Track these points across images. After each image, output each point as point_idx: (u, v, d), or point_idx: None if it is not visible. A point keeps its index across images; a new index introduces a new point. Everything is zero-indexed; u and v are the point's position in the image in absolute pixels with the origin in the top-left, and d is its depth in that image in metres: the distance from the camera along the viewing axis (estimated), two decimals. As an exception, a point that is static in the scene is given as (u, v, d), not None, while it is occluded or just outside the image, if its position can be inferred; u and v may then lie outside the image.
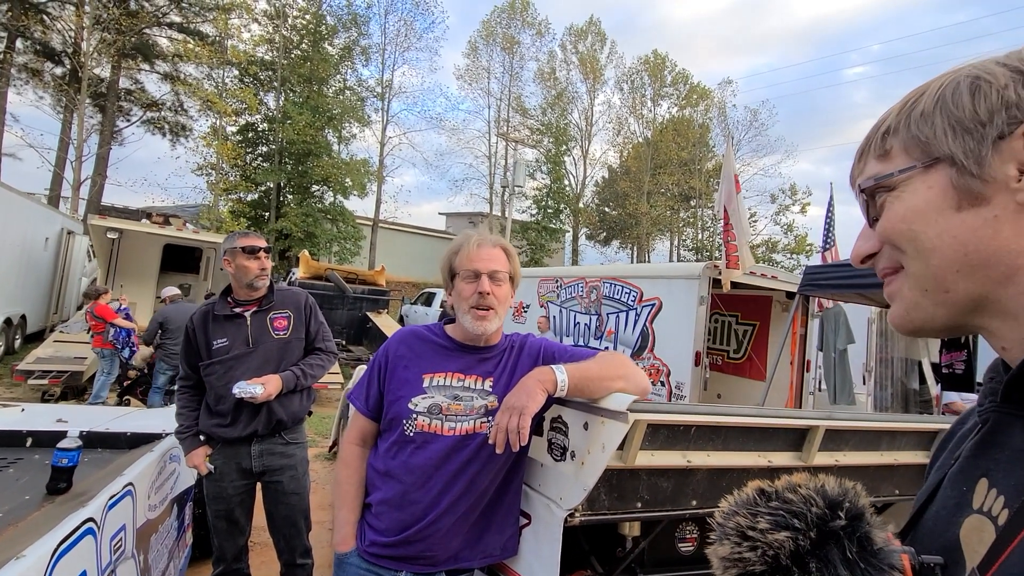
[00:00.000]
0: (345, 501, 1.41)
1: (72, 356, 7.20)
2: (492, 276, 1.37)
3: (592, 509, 1.32)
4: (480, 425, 1.34)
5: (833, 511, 0.47)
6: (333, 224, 20.46)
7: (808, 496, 0.48)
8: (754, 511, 0.49)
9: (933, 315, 0.49)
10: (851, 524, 0.46)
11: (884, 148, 0.51)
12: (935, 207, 0.47)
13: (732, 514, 0.50)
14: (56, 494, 1.83)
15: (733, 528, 0.49)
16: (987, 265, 0.45)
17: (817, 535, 0.46)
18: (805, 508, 0.47)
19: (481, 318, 1.35)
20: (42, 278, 10.25)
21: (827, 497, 0.48)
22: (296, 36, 21.30)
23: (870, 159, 0.53)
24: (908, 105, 0.50)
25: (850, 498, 0.48)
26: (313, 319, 2.50)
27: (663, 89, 31.97)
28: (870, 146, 0.53)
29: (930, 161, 0.47)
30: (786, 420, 1.48)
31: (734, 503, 0.51)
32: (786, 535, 0.46)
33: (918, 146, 0.48)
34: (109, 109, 18.05)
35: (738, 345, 7.01)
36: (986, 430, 0.50)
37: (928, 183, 0.48)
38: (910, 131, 0.49)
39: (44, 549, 1.28)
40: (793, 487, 0.50)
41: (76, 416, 2.74)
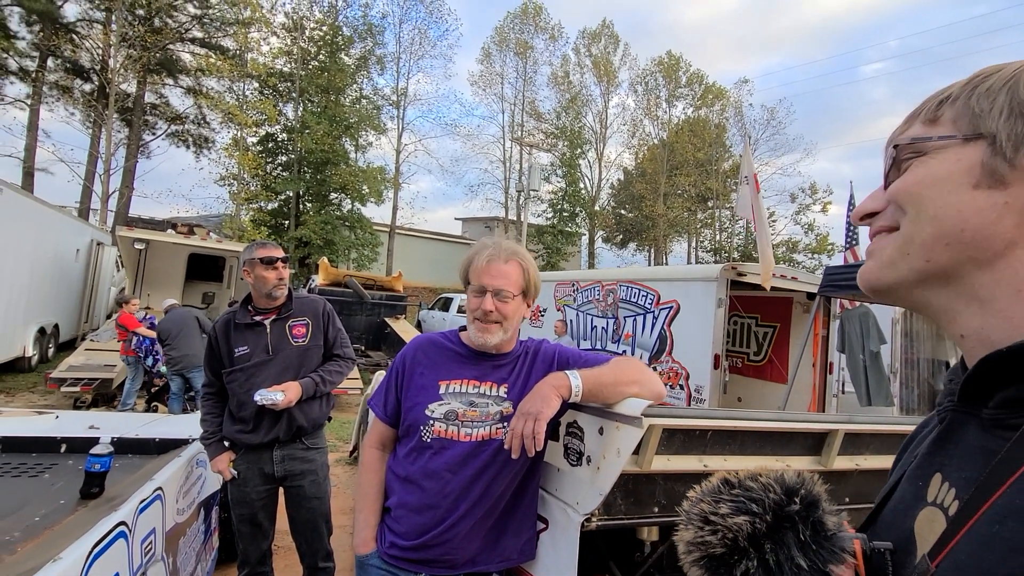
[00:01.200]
0: (366, 503, 1.45)
1: (102, 364, 7.42)
2: (497, 294, 1.37)
3: (609, 514, 1.32)
4: (496, 431, 1.36)
5: (789, 497, 0.50)
6: (351, 231, 20.76)
7: (767, 484, 0.51)
8: (717, 498, 0.52)
9: (904, 278, 0.50)
10: (805, 509, 0.49)
11: (936, 114, 0.51)
12: (954, 180, 0.47)
13: (697, 502, 0.53)
14: (89, 498, 1.89)
15: (697, 514, 0.52)
16: (977, 245, 0.46)
17: (773, 519, 0.49)
18: (763, 494, 0.50)
19: (483, 330, 1.37)
20: (73, 288, 10.59)
21: (784, 484, 0.51)
22: (313, 48, 21.73)
23: (917, 122, 0.53)
24: (979, 79, 0.50)
25: (806, 486, 0.51)
26: (331, 326, 2.54)
27: (678, 90, 31.74)
28: (924, 110, 0.53)
29: (973, 135, 0.47)
30: (804, 424, 1.46)
31: (700, 492, 0.54)
32: (744, 519, 0.49)
33: (968, 118, 0.48)
34: (135, 123, 18.62)
35: (758, 347, 6.90)
36: (943, 428, 0.51)
37: (959, 156, 0.48)
38: (968, 103, 0.49)
39: (80, 552, 1.33)
40: (754, 476, 0.52)
41: (107, 423, 2.83)
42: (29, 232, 8.19)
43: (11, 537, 1.58)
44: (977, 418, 0.47)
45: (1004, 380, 0.44)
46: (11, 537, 1.58)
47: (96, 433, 2.45)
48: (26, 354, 8.50)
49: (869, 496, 1.58)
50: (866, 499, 1.57)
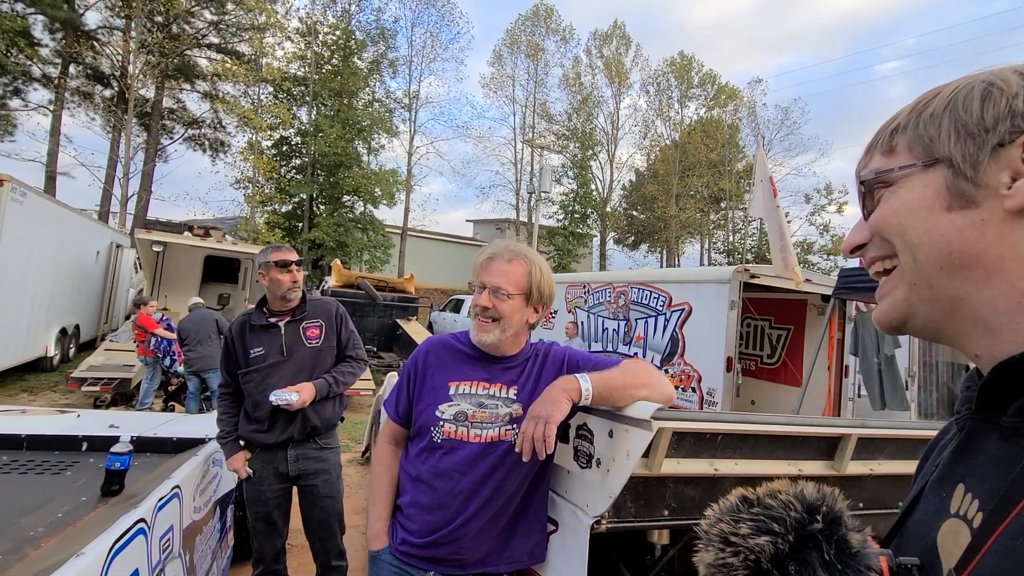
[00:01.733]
0: (379, 497, 1.48)
1: (121, 364, 7.58)
2: (494, 291, 1.39)
3: (619, 516, 1.33)
4: (505, 432, 1.37)
5: (811, 515, 0.48)
6: (363, 233, 20.93)
7: (787, 501, 0.50)
8: (736, 517, 0.50)
9: (916, 310, 0.51)
10: (828, 527, 0.48)
11: (890, 144, 0.53)
12: (927, 205, 0.49)
13: (716, 521, 0.51)
14: (109, 496, 1.94)
15: (717, 535, 0.50)
16: (968, 266, 0.47)
17: (796, 539, 0.47)
18: (784, 513, 0.49)
19: (479, 327, 1.40)
20: (93, 290, 10.82)
21: (805, 502, 0.49)
22: (327, 52, 21.98)
23: (876, 153, 0.54)
24: (921, 105, 0.51)
25: (827, 502, 0.49)
26: (344, 328, 2.57)
27: (690, 90, 31.57)
28: (879, 141, 0.54)
29: (930, 161, 0.49)
30: (816, 428, 1.45)
31: (718, 511, 0.53)
32: (766, 539, 0.47)
33: (921, 145, 0.50)
34: (153, 128, 18.98)
35: (772, 350, 6.83)
36: (963, 437, 0.51)
37: (924, 182, 0.49)
38: (917, 130, 0.50)
39: (101, 548, 1.36)
40: (773, 493, 0.51)
41: (127, 422, 2.89)
42: (51, 235, 8.40)
43: (35, 532, 1.62)
44: (996, 426, 0.47)
45: (1020, 387, 0.44)
46: (35, 532, 1.62)
47: (116, 432, 2.51)
48: (48, 354, 8.71)
49: (883, 501, 1.56)
50: (880, 504, 1.56)
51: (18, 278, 7.38)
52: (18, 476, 2.13)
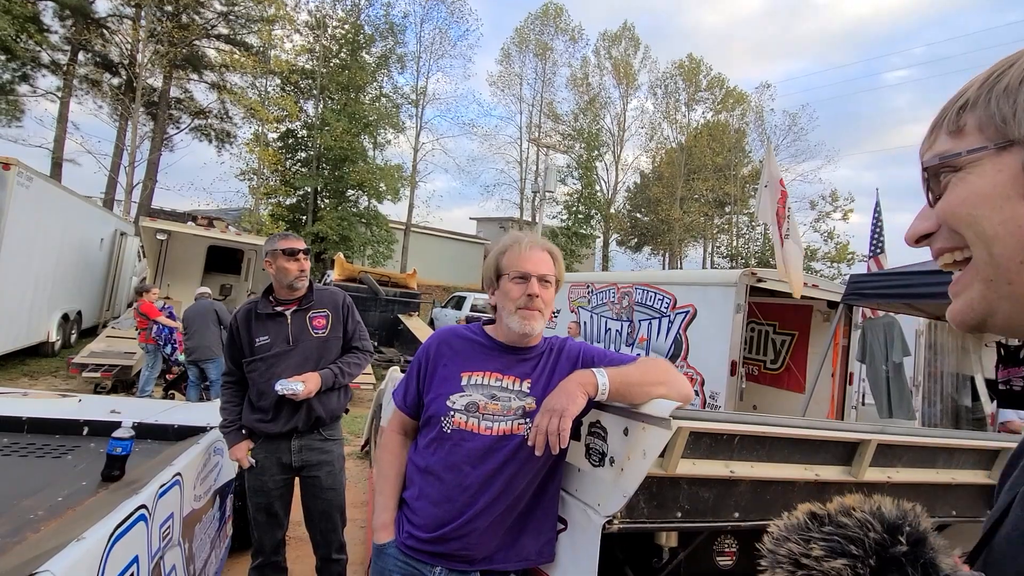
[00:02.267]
0: (386, 486, 1.45)
1: (122, 351, 7.57)
2: (541, 279, 1.38)
3: (631, 517, 1.29)
4: (517, 427, 1.34)
5: (893, 536, 0.44)
6: (367, 228, 20.94)
7: (864, 520, 0.45)
8: (807, 537, 0.46)
9: (995, 308, 0.47)
10: (913, 550, 0.43)
11: (958, 124, 0.48)
12: (1002, 193, 0.45)
13: (783, 540, 0.47)
14: (110, 481, 1.91)
15: (785, 555, 0.46)
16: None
17: (877, 562, 0.43)
18: (862, 533, 0.44)
19: (528, 318, 1.36)
20: (97, 276, 10.82)
21: (885, 521, 0.45)
22: (335, 46, 21.97)
23: (941, 134, 0.50)
24: (993, 77, 0.47)
25: (910, 521, 0.45)
26: (350, 318, 2.56)
27: (698, 94, 31.50)
28: (944, 120, 0.50)
29: (1004, 143, 0.45)
30: (836, 433, 1.42)
31: (785, 528, 0.48)
32: (843, 563, 0.43)
33: (994, 125, 0.46)
34: (160, 117, 18.99)
35: (776, 355, 6.79)
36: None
37: (999, 166, 0.45)
38: (989, 107, 0.46)
39: (102, 533, 1.34)
40: (847, 510, 0.47)
41: (128, 407, 2.87)
42: (56, 221, 8.39)
43: (35, 516, 1.60)
44: None
45: None
46: (35, 516, 1.60)
47: (117, 417, 2.48)
48: (50, 339, 8.70)
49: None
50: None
51: (22, 262, 7.37)
52: (19, 459, 2.11)
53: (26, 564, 1.15)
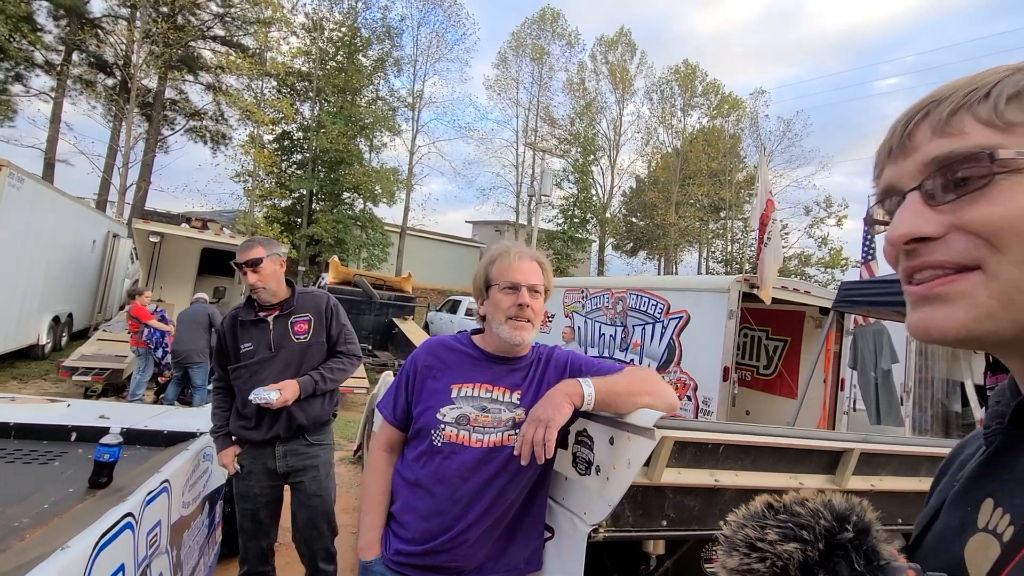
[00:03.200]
0: (372, 506, 1.43)
1: (113, 355, 7.51)
2: (531, 289, 1.38)
3: (616, 525, 1.30)
4: (507, 438, 1.34)
5: (840, 524, 0.47)
6: (362, 231, 20.90)
7: (816, 509, 0.49)
8: (763, 523, 0.49)
9: (1002, 330, 0.41)
10: (858, 537, 0.47)
11: (1004, 119, 0.40)
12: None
13: (741, 526, 0.50)
14: (97, 488, 1.90)
15: (742, 539, 0.49)
16: None
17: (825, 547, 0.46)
18: (813, 521, 0.48)
19: (519, 328, 1.36)
20: (88, 279, 10.74)
21: (835, 511, 0.48)
22: (332, 48, 21.97)
23: (969, 121, 0.41)
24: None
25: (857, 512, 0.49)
26: (334, 322, 2.49)
27: (693, 99, 31.68)
28: (969, 103, 0.42)
29: None
30: (819, 442, 1.43)
31: (743, 516, 0.52)
32: (795, 546, 0.47)
33: None
34: (155, 118, 18.92)
35: (768, 361, 6.83)
36: (991, 452, 0.49)
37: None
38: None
39: (87, 541, 1.33)
40: (801, 501, 0.50)
41: (117, 413, 2.85)
42: (48, 222, 8.33)
43: (20, 523, 1.59)
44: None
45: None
46: (20, 523, 1.59)
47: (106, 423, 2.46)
48: (40, 342, 8.63)
49: (884, 519, 1.55)
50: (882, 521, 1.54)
51: (12, 264, 7.31)
52: (5, 465, 2.10)
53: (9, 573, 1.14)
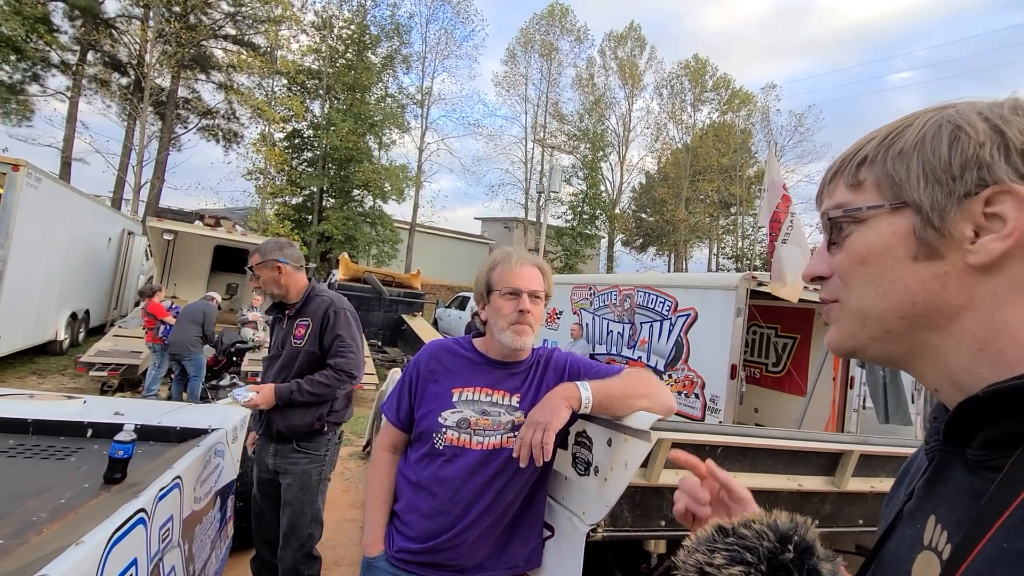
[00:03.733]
0: (375, 504, 1.46)
1: (129, 350, 7.65)
2: (532, 295, 1.40)
3: (615, 525, 1.32)
4: (507, 440, 1.37)
5: (783, 544, 0.49)
6: (372, 228, 21.02)
7: (760, 531, 0.51)
8: (712, 547, 0.52)
9: (867, 346, 0.51)
10: (799, 557, 0.49)
11: (857, 178, 0.50)
12: (894, 253, 0.47)
13: (692, 551, 0.53)
14: (112, 484, 1.95)
15: (693, 564, 0.51)
16: (929, 316, 0.46)
17: (768, 568, 0.48)
18: (757, 542, 0.50)
19: (520, 333, 1.38)
20: (104, 276, 10.94)
21: (778, 531, 0.50)
22: (341, 46, 22.05)
23: (840, 184, 0.52)
24: (890, 137, 0.49)
25: (800, 532, 0.51)
26: (329, 331, 2.38)
27: (704, 94, 31.35)
28: (844, 170, 0.52)
29: (898, 204, 0.48)
30: (818, 444, 1.44)
31: (695, 540, 0.54)
32: (739, 569, 0.49)
33: (890, 185, 0.48)
34: (168, 117, 19.15)
35: (777, 358, 6.78)
36: (933, 468, 0.51)
37: (892, 226, 0.48)
38: (885, 167, 0.49)
39: (100, 536, 1.38)
40: (747, 523, 0.52)
41: (131, 409, 2.91)
42: (64, 221, 8.49)
43: (38, 518, 1.64)
44: (963, 458, 0.47)
45: (984, 420, 0.44)
46: (38, 518, 1.64)
47: (121, 419, 2.52)
48: (58, 338, 8.82)
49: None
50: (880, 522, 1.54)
51: (31, 262, 7.47)
52: (24, 460, 2.16)
53: (26, 567, 1.19)
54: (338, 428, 2.52)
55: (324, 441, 2.42)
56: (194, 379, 6.51)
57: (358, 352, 2.40)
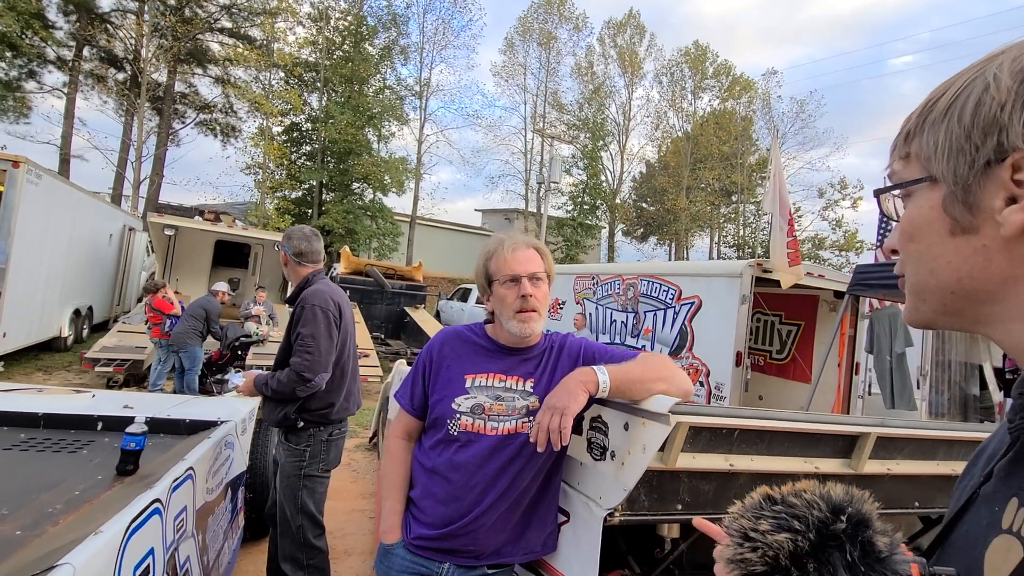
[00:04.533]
0: (391, 492, 1.46)
1: (134, 346, 7.68)
2: (532, 278, 1.39)
3: (632, 509, 1.32)
4: (521, 425, 1.36)
5: (836, 515, 0.47)
6: (373, 221, 20.98)
7: (811, 500, 0.49)
8: (758, 514, 0.50)
9: (934, 320, 0.50)
10: (854, 529, 0.47)
11: (905, 150, 0.49)
12: (935, 229, 0.46)
13: (738, 517, 0.51)
14: (124, 475, 1.96)
15: (737, 530, 0.50)
16: (981, 291, 0.45)
17: (817, 537, 0.47)
18: (807, 511, 0.48)
19: (527, 320, 1.37)
20: (107, 272, 10.94)
21: (831, 502, 0.49)
22: (338, 37, 21.87)
23: (896, 157, 0.51)
24: (929, 105, 0.47)
25: (855, 504, 0.48)
26: (296, 327, 2.36)
27: (704, 81, 31.12)
28: (897, 143, 0.51)
29: (929, 178, 0.46)
30: (835, 426, 1.43)
31: (741, 507, 0.52)
32: (785, 536, 0.47)
33: (923, 158, 0.47)
34: (165, 112, 19.06)
35: (781, 345, 6.78)
36: (1018, 448, 0.48)
37: (931, 201, 0.46)
38: (923, 138, 0.47)
39: (118, 526, 1.38)
40: (798, 492, 0.51)
41: (140, 403, 2.92)
42: (66, 217, 8.47)
43: (53, 509, 1.65)
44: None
45: None
46: (53, 509, 1.65)
47: (130, 412, 2.53)
48: (62, 334, 8.83)
49: (900, 501, 1.55)
50: (896, 504, 1.54)
51: (33, 259, 7.47)
52: (36, 453, 2.17)
53: (46, 557, 1.19)
54: (328, 425, 2.45)
55: (305, 437, 2.40)
56: (189, 372, 6.58)
57: (317, 352, 2.29)
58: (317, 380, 2.30)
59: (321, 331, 2.32)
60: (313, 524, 2.40)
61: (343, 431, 2.56)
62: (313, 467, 2.41)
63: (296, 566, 2.37)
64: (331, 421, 2.46)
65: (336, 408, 2.47)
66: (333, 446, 2.49)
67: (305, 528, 2.37)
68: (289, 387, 2.29)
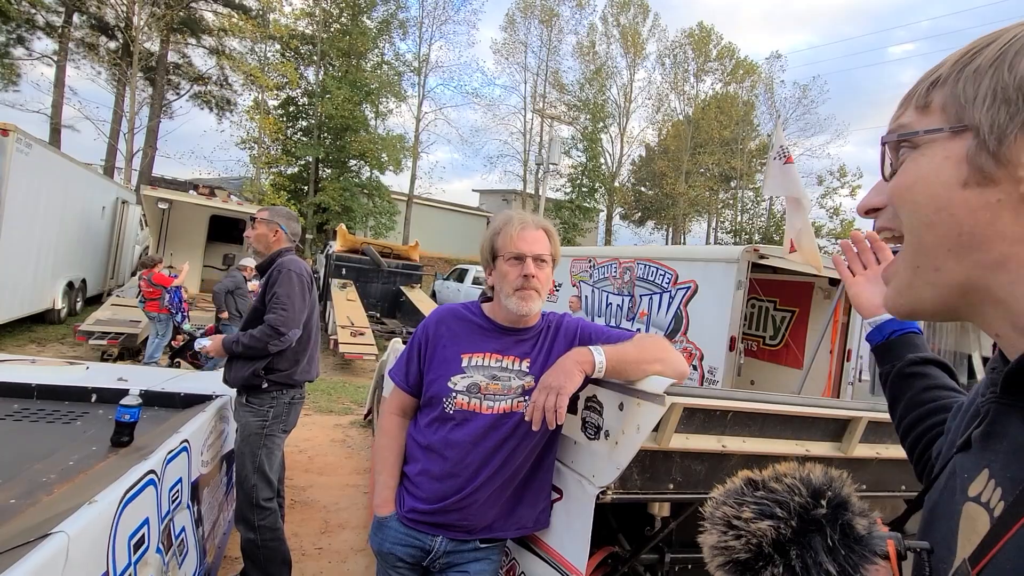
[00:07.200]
0: (385, 467, 1.48)
1: (128, 319, 7.65)
2: (536, 259, 1.38)
3: (624, 488, 1.33)
4: (517, 404, 1.37)
5: (816, 500, 0.48)
6: (369, 199, 20.78)
7: (792, 485, 0.49)
8: (740, 500, 0.50)
9: (923, 296, 0.48)
10: (833, 512, 0.47)
11: (927, 100, 0.47)
12: (943, 180, 0.44)
13: (720, 504, 0.51)
14: (119, 447, 1.97)
15: (720, 517, 0.50)
16: (979, 249, 0.43)
17: (798, 523, 0.47)
18: (788, 497, 0.48)
19: (526, 298, 1.37)
20: (100, 245, 10.83)
21: (811, 486, 0.49)
22: (336, 9, 21.34)
23: (911, 107, 0.49)
24: (968, 55, 0.45)
25: (833, 487, 0.49)
26: (271, 287, 2.48)
27: (707, 64, 30.67)
28: (916, 93, 0.49)
29: (959, 127, 0.44)
30: (826, 410, 1.44)
31: (723, 493, 0.52)
32: (768, 524, 0.47)
33: (956, 107, 0.44)
34: (159, 83, 18.65)
35: (775, 331, 6.83)
36: (988, 422, 0.48)
37: (947, 152, 0.44)
38: (956, 87, 0.44)
39: (113, 496, 1.39)
40: (779, 476, 0.50)
41: (135, 375, 2.92)
42: (57, 188, 8.34)
43: (47, 479, 1.65)
44: (1020, 411, 0.45)
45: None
46: (47, 479, 1.65)
47: (125, 385, 2.53)
48: (55, 307, 8.78)
49: (887, 485, 1.57)
50: (884, 488, 1.56)
51: (24, 230, 7.37)
52: (30, 424, 2.17)
53: (41, 525, 1.20)
54: (290, 388, 2.53)
55: (268, 398, 2.47)
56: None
57: (292, 309, 2.42)
58: (290, 335, 2.42)
59: (296, 291, 2.46)
60: (266, 484, 2.45)
61: (302, 396, 2.65)
62: (275, 427, 2.49)
63: (248, 527, 2.42)
64: (293, 384, 2.54)
65: (299, 369, 2.56)
66: (293, 409, 2.58)
67: (258, 488, 2.43)
68: (263, 342, 2.39)
